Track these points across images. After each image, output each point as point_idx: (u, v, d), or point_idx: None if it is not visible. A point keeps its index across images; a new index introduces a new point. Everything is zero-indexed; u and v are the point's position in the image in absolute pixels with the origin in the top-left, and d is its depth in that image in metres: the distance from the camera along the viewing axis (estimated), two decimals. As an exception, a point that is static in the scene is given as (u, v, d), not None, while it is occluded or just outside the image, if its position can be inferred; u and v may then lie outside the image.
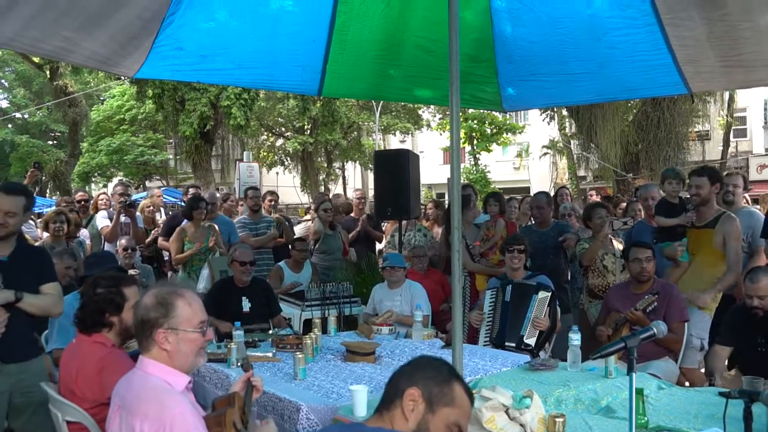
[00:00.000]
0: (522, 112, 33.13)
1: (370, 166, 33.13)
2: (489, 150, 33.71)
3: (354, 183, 38.63)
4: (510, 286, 5.45)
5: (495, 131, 33.03)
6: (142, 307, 2.50)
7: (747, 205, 6.94)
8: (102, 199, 8.52)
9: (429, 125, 34.66)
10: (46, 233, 7.06)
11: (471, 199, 7.27)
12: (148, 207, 8.62)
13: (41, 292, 3.85)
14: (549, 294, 5.30)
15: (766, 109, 31.30)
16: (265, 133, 34.50)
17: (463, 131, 30.76)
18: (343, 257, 8.35)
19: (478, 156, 33.54)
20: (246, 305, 5.79)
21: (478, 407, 2.75)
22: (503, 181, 35.99)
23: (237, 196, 12.57)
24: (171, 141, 35.40)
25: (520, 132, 34.39)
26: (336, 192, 24.07)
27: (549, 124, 25.36)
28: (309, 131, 30.50)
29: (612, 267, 6.05)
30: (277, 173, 35.71)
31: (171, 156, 37.69)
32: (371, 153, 31.11)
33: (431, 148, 38.19)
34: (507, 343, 5.23)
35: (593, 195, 11.76)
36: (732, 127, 26.01)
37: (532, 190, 32.43)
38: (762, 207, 8.16)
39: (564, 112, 22.52)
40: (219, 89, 19.14)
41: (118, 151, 32.64)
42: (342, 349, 4.78)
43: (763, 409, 2.89)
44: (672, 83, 4.96)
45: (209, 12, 4.52)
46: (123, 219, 7.69)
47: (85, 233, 7.81)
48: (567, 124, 25.93)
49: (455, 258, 3.86)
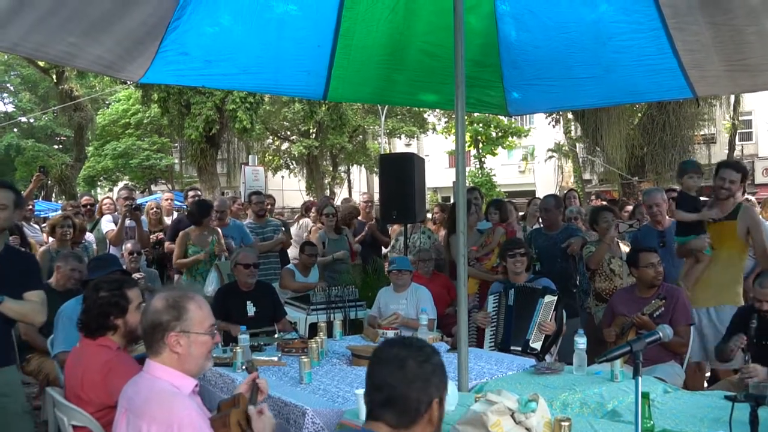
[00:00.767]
0: (527, 115, 33.10)
1: (375, 169, 33.15)
2: (494, 153, 33.73)
3: (359, 187, 38.63)
4: (513, 289, 5.42)
5: (500, 135, 33.07)
6: (152, 311, 2.51)
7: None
8: (106, 204, 8.55)
9: (434, 129, 34.66)
10: (51, 238, 7.08)
11: (476, 204, 7.25)
12: (152, 209, 8.60)
13: (24, 299, 3.67)
14: (555, 298, 5.27)
15: (772, 112, 31.21)
16: (271, 137, 34.55)
17: (469, 135, 30.79)
18: (351, 261, 8.30)
19: (483, 159, 33.54)
20: (251, 309, 5.80)
21: (483, 411, 2.75)
22: (508, 185, 35.97)
23: (243, 200, 12.59)
24: (176, 145, 35.50)
25: (525, 135, 34.41)
26: (344, 197, 24.03)
27: (554, 127, 25.35)
28: (314, 135, 30.53)
29: (619, 270, 6.04)
30: (283, 177, 35.74)
31: (176, 160, 37.77)
32: (377, 156, 31.13)
33: (437, 151, 38.19)
34: (513, 347, 5.19)
35: (594, 200, 11.74)
36: (738, 131, 25.94)
37: (537, 193, 32.39)
38: (764, 211, 8.13)
39: (569, 115, 22.50)
40: (224, 93, 19.17)
41: (123, 155, 32.73)
42: (347, 353, 4.78)
43: (770, 414, 2.89)
44: (677, 87, 4.97)
45: (214, 17, 4.54)
46: (128, 223, 7.70)
47: (91, 237, 7.83)
48: (572, 127, 25.89)
49: (460, 262, 3.87)
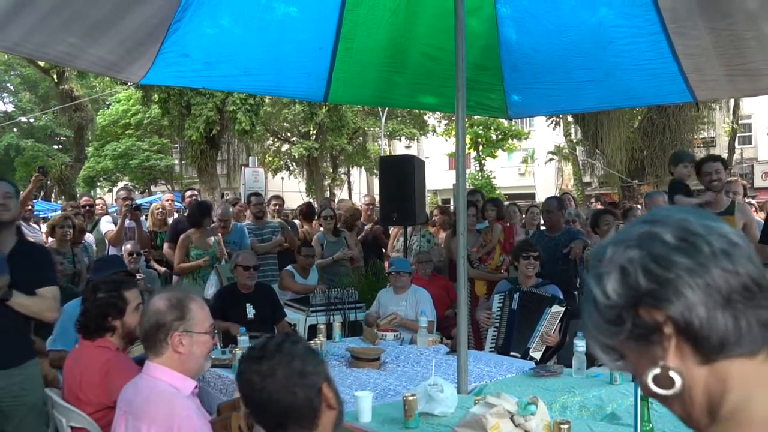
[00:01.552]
0: (527, 118, 33.14)
1: (375, 171, 33.15)
2: (494, 156, 33.72)
3: (359, 188, 38.62)
4: (518, 293, 5.35)
5: (500, 137, 33.04)
6: (154, 312, 2.51)
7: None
8: (98, 205, 8.52)
9: (434, 131, 34.67)
10: (51, 238, 7.08)
11: (476, 206, 7.26)
12: (158, 209, 8.59)
13: (37, 294, 3.64)
14: (563, 309, 5.13)
15: (771, 117, 31.26)
16: (271, 138, 34.56)
17: (469, 137, 30.77)
18: (350, 264, 8.26)
19: (483, 162, 33.55)
20: (250, 312, 5.78)
21: (482, 413, 2.76)
22: (508, 187, 35.96)
23: (243, 201, 12.58)
24: (176, 146, 35.48)
25: (525, 138, 34.40)
26: (342, 197, 24.05)
27: (554, 130, 25.39)
28: (314, 136, 30.54)
29: (619, 274, 6.03)
30: (283, 178, 35.74)
31: (176, 161, 37.75)
32: (377, 158, 31.13)
33: (437, 153, 38.18)
34: (512, 353, 5.12)
35: (594, 202, 11.74)
36: (737, 134, 25.98)
37: (537, 196, 32.46)
38: (765, 214, 8.15)
39: (569, 118, 22.53)
40: (225, 94, 19.18)
41: (123, 156, 32.69)
42: (347, 355, 4.78)
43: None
44: (677, 91, 4.98)
45: (214, 19, 4.56)
46: (128, 223, 7.69)
47: (91, 238, 7.83)
48: (572, 130, 25.93)
49: (460, 264, 3.88)
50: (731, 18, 4.09)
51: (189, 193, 9.21)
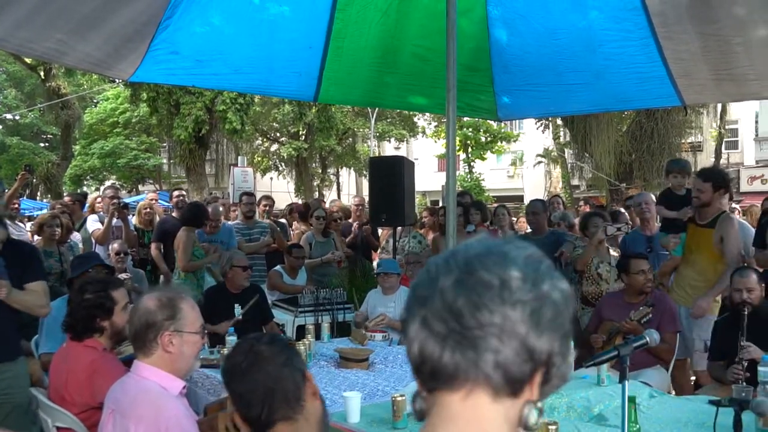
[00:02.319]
0: (516, 120, 33.24)
1: (364, 172, 33.13)
2: (483, 158, 33.80)
3: (348, 189, 38.61)
4: None
5: (489, 139, 33.13)
6: (144, 311, 2.50)
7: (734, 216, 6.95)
8: (94, 201, 8.45)
9: (424, 132, 34.70)
10: (38, 236, 7.02)
11: (463, 207, 7.27)
12: (145, 208, 8.54)
13: (25, 289, 3.69)
14: None
15: (757, 122, 31.48)
16: (260, 138, 34.48)
17: (458, 139, 30.82)
18: (338, 266, 8.23)
19: (472, 164, 33.60)
20: (238, 312, 5.76)
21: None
22: (497, 189, 36.03)
23: (231, 200, 12.54)
24: (165, 145, 35.32)
25: (514, 140, 34.49)
26: (333, 198, 23.98)
27: (543, 132, 25.44)
28: (304, 137, 30.50)
29: (606, 275, 6.03)
30: (271, 178, 35.64)
31: (164, 160, 37.58)
32: (366, 159, 31.09)
33: (426, 155, 38.21)
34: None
35: (583, 205, 11.76)
36: (724, 139, 26.14)
37: (525, 198, 32.49)
38: (749, 218, 8.19)
39: (558, 121, 22.59)
40: (214, 93, 19.11)
41: (111, 155, 32.47)
42: (335, 356, 4.77)
43: (753, 418, 2.91)
44: (666, 95, 5.01)
45: (205, 17, 4.54)
46: (115, 222, 7.65)
47: (78, 237, 7.77)
48: (561, 133, 26.01)
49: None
50: (719, 23, 4.13)
51: (177, 193, 9.16)
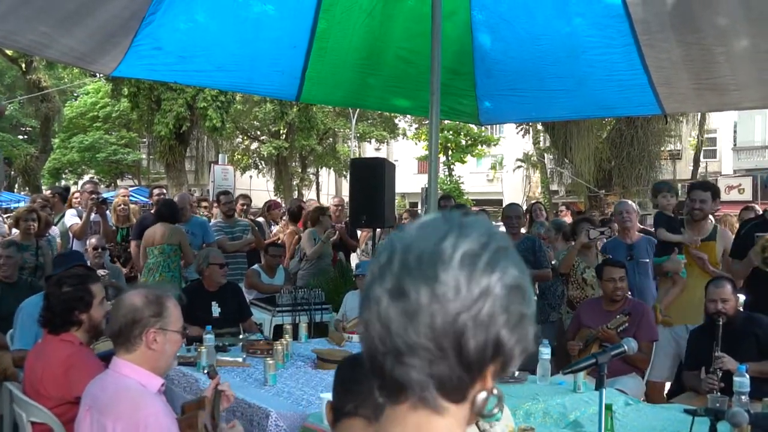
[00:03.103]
0: (497, 124, 33.40)
1: (344, 172, 33.12)
2: (463, 161, 33.91)
3: (328, 189, 38.58)
4: None
5: (470, 143, 33.26)
6: (129, 308, 2.48)
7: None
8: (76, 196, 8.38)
9: (405, 134, 34.75)
10: (15, 230, 6.95)
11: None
12: (119, 206, 8.46)
13: None
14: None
15: (735, 132, 31.91)
16: (240, 136, 34.35)
17: (439, 142, 30.88)
18: (332, 265, 8.16)
19: (452, 167, 33.71)
20: (216, 310, 5.71)
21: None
22: (476, 193, 36.17)
23: (211, 198, 12.46)
24: (144, 140, 35.06)
25: (494, 144, 34.64)
26: (312, 198, 23.92)
27: (524, 137, 25.60)
28: (285, 136, 30.42)
29: (591, 281, 6.02)
30: (251, 177, 35.51)
31: (144, 155, 37.31)
32: (346, 160, 31.06)
33: (406, 157, 38.28)
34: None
35: (564, 211, 11.82)
36: (703, 148, 26.45)
37: (504, 202, 32.63)
38: (722, 227, 8.27)
39: (539, 126, 22.76)
40: (196, 90, 19.00)
41: (90, 149, 32.17)
42: (313, 356, 4.76)
43: (728, 428, 2.93)
44: (647, 103, 5.05)
45: (189, 13, 4.52)
46: (93, 217, 7.57)
47: (56, 231, 7.69)
48: (541, 138, 26.19)
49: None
50: (701, 32, 4.16)
51: (157, 191, 9.10)
